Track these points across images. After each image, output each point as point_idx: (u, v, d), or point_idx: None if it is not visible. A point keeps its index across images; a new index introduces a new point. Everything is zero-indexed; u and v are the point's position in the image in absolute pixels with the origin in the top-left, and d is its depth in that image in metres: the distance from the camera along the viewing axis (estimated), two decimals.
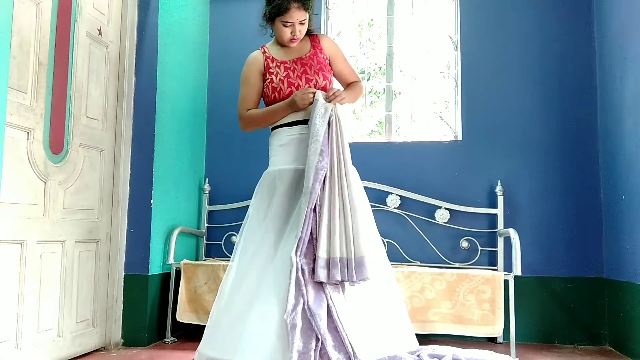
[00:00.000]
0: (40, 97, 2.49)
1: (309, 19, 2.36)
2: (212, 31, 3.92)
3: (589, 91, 3.40)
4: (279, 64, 2.35)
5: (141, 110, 3.16)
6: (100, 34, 2.95)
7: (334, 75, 2.46)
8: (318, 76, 2.31)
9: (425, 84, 3.79)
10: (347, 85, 2.50)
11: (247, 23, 3.83)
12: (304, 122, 2.26)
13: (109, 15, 3.04)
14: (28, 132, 2.42)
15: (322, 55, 2.37)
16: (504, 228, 3.30)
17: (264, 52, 2.40)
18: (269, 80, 2.34)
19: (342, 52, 2.49)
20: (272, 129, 2.37)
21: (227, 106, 3.77)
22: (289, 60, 2.35)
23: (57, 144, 2.62)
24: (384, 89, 3.83)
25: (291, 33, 2.30)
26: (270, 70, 2.34)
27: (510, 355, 2.83)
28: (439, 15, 3.77)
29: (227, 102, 3.75)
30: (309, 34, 2.43)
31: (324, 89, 2.30)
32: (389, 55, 3.79)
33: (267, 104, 2.36)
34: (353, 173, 2.24)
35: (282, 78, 2.31)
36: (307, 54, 2.36)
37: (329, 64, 2.40)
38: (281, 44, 2.39)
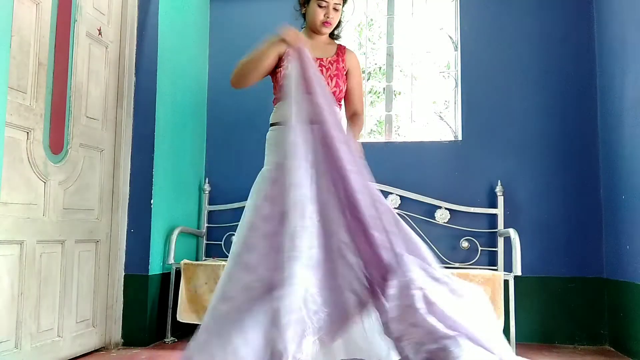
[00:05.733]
0: (40, 97, 2.49)
1: (340, 18, 2.36)
2: (212, 31, 3.91)
3: (589, 91, 3.39)
4: None
5: (141, 110, 3.16)
6: (100, 34, 2.95)
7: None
8: (331, 81, 2.30)
9: (425, 84, 3.79)
10: (351, 114, 2.44)
11: (247, 23, 3.85)
12: None
13: (109, 15, 3.04)
14: (28, 132, 2.42)
15: (343, 65, 2.36)
16: (504, 228, 3.30)
17: None
18: (283, 67, 2.32)
19: (360, 75, 2.46)
20: (270, 127, 2.36)
21: (227, 106, 3.78)
22: None
23: (57, 144, 2.62)
24: (384, 89, 3.83)
25: (324, 15, 2.29)
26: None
27: None
28: (439, 15, 3.77)
29: (227, 101, 3.76)
30: (336, 38, 2.43)
31: (332, 94, 2.28)
32: (389, 55, 3.79)
33: (277, 90, 2.33)
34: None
35: None
36: (329, 58, 2.34)
37: (346, 75, 2.38)
38: (310, 36, 2.37)
